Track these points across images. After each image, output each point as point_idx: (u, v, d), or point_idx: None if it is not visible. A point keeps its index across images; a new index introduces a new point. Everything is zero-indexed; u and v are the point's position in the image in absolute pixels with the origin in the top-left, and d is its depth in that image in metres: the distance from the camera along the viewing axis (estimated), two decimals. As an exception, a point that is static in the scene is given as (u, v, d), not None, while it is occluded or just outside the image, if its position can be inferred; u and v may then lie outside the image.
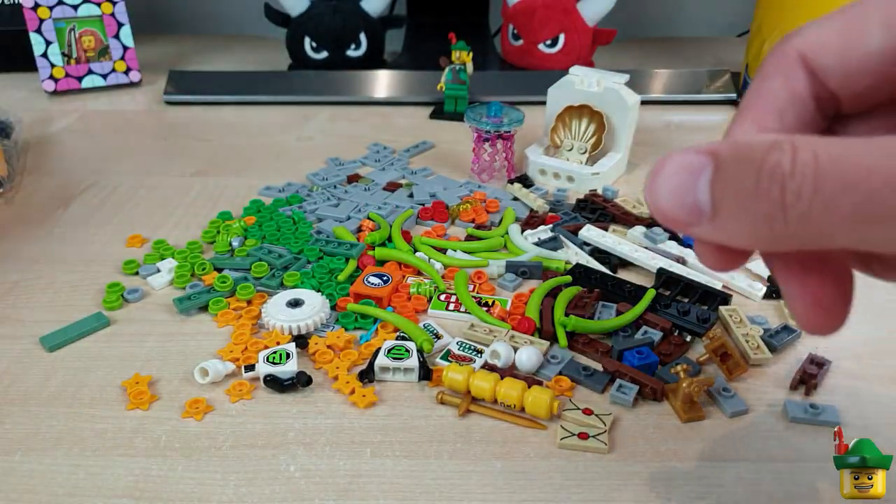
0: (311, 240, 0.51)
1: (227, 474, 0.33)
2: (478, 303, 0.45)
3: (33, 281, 0.48)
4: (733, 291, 0.47)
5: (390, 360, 0.39)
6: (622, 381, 0.38)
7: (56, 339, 0.42)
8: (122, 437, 0.36)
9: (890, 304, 0.45)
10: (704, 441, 0.35)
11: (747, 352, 0.41)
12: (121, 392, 0.38)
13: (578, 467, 0.34)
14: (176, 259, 0.50)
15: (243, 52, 0.98)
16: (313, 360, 0.41)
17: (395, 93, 0.81)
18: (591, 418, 0.36)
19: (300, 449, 0.35)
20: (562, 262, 0.48)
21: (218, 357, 0.40)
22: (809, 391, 0.38)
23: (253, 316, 0.44)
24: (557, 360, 0.40)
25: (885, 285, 0.20)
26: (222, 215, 0.55)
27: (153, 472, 0.34)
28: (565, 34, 0.82)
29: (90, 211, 0.58)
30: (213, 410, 0.37)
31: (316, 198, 0.58)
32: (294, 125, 0.75)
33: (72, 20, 0.81)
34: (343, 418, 0.37)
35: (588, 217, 0.55)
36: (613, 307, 0.44)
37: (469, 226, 0.54)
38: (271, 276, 0.47)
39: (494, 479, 0.33)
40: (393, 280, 0.46)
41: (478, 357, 0.40)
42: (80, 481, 0.33)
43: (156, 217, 0.57)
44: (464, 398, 0.37)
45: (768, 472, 0.34)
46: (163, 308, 0.45)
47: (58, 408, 0.37)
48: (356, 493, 0.33)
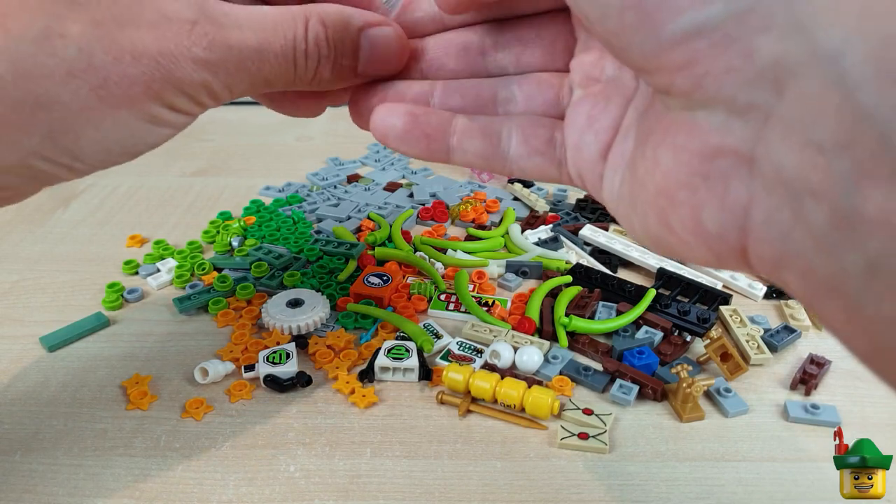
0: (311, 240, 0.51)
1: (226, 474, 0.33)
2: (478, 303, 0.45)
3: (33, 281, 0.48)
4: (733, 291, 0.47)
5: (390, 360, 0.39)
6: (622, 381, 0.38)
7: (56, 339, 0.42)
8: (122, 437, 0.36)
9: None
10: (704, 441, 0.35)
11: (747, 352, 0.40)
12: (121, 392, 0.38)
13: (578, 467, 0.34)
14: (176, 259, 0.50)
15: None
16: (313, 360, 0.40)
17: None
18: (591, 418, 0.36)
19: (300, 449, 0.35)
20: (562, 262, 0.48)
21: (218, 357, 0.40)
22: (809, 391, 0.38)
23: (253, 316, 0.44)
24: (557, 360, 0.40)
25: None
26: (222, 215, 0.55)
27: (153, 472, 0.34)
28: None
29: (90, 211, 0.58)
30: (212, 410, 0.37)
31: (316, 198, 0.58)
32: (294, 125, 0.75)
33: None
34: (343, 418, 0.37)
35: (588, 217, 0.55)
36: (614, 307, 0.44)
37: (469, 226, 0.54)
38: (271, 276, 0.47)
39: (494, 479, 0.33)
40: (393, 280, 0.46)
41: (478, 357, 0.40)
42: (80, 481, 0.33)
43: (156, 217, 0.57)
44: (464, 398, 0.37)
45: (768, 472, 0.34)
46: (163, 308, 0.45)
47: (58, 408, 0.37)
48: (356, 493, 0.33)
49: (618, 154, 0.23)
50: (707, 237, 0.18)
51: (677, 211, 0.19)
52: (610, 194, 0.23)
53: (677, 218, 0.19)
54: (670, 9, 0.16)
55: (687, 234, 0.19)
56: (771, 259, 0.17)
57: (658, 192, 0.20)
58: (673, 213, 0.19)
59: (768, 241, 0.17)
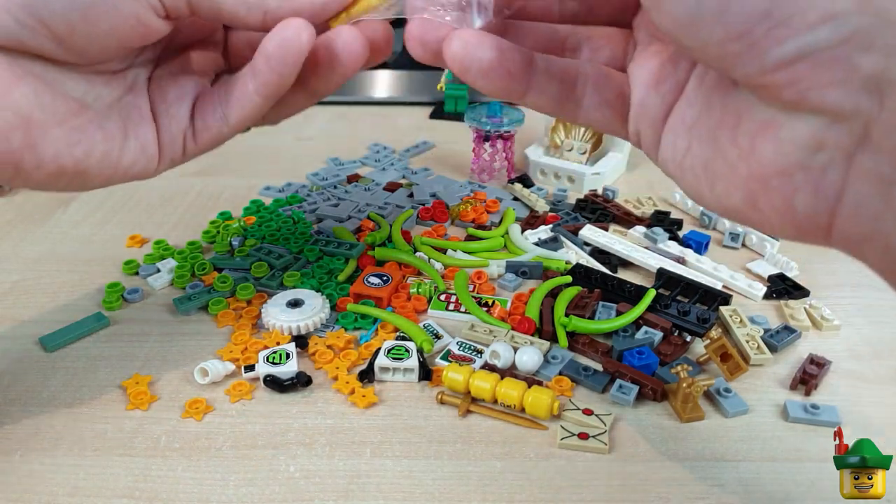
0: (311, 240, 0.51)
1: (226, 474, 0.33)
2: (478, 303, 0.45)
3: (33, 281, 0.48)
4: (733, 291, 0.47)
5: (390, 360, 0.39)
6: (622, 381, 0.38)
7: (56, 339, 0.42)
8: (122, 437, 0.36)
9: (890, 305, 0.45)
10: (704, 441, 0.35)
11: (747, 352, 0.40)
12: (121, 392, 0.38)
13: (578, 467, 0.34)
14: (176, 259, 0.50)
15: (243, 52, 0.98)
16: (313, 360, 0.40)
17: (395, 93, 0.81)
18: (591, 418, 0.36)
19: (300, 449, 0.35)
20: (562, 262, 0.48)
21: (218, 357, 0.40)
22: (809, 391, 0.38)
23: (253, 316, 0.44)
24: (557, 360, 0.40)
25: (884, 286, 0.21)
26: (222, 215, 0.55)
27: (153, 473, 0.34)
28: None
29: (90, 211, 0.58)
30: (212, 410, 0.37)
31: (316, 198, 0.58)
32: (294, 125, 0.75)
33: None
34: (343, 418, 0.37)
35: (588, 217, 0.55)
36: (613, 307, 0.44)
37: (469, 226, 0.54)
38: (271, 276, 0.47)
39: (494, 479, 0.33)
40: (393, 280, 0.46)
41: (478, 357, 0.40)
42: (80, 481, 0.33)
43: (156, 217, 0.57)
44: (464, 398, 0.37)
45: (768, 472, 0.34)
46: (163, 308, 0.45)
47: (58, 408, 0.37)
48: (356, 493, 0.33)
49: (678, 119, 0.24)
50: (795, 217, 0.20)
51: (769, 194, 0.21)
52: (671, 159, 0.24)
53: (768, 200, 0.21)
54: (776, 37, 0.18)
55: (774, 214, 0.21)
56: (857, 237, 0.19)
57: (751, 176, 0.21)
58: (764, 195, 0.21)
59: (857, 223, 0.19)
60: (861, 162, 0.18)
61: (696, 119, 0.23)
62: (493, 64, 0.24)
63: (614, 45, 0.27)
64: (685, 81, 0.24)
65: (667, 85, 0.24)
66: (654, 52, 0.25)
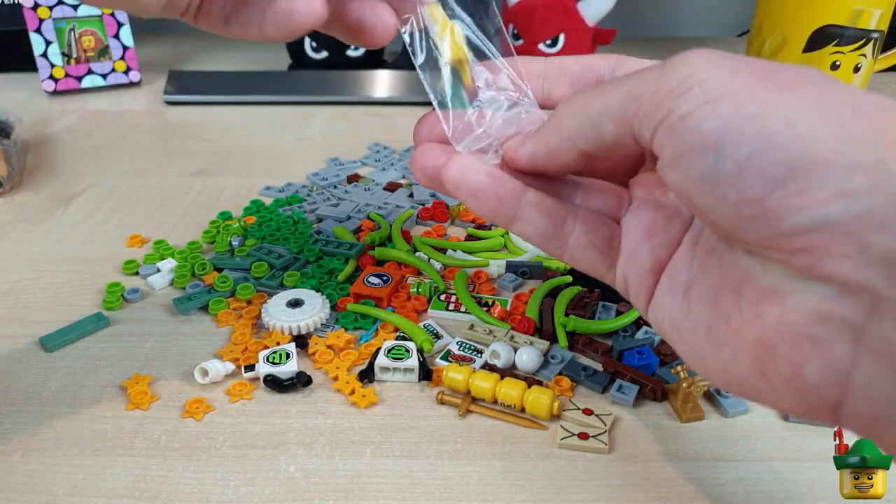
0: (311, 240, 0.51)
1: (227, 474, 0.33)
2: (478, 303, 0.45)
3: (33, 281, 0.48)
4: (733, 291, 0.47)
5: (390, 360, 0.39)
6: (622, 381, 0.38)
7: (56, 339, 0.42)
8: (122, 437, 0.36)
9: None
10: (704, 441, 0.35)
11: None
12: (121, 392, 0.38)
13: (578, 467, 0.34)
14: (176, 259, 0.50)
15: (243, 52, 0.98)
16: (313, 360, 0.40)
17: (395, 93, 0.81)
18: (591, 418, 0.36)
19: (300, 449, 0.35)
20: (562, 262, 0.48)
21: (218, 357, 0.40)
22: (809, 391, 0.38)
23: (253, 316, 0.44)
24: (557, 360, 0.40)
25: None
26: (222, 215, 0.55)
27: (153, 472, 0.34)
28: (565, 34, 0.82)
29: (90, 211, 0.58)
30: (212, 410, 0.37)
31: (316, 198, 0.58)
32: (294, 125, 0.75)
33: (72, 20, 0.81)
34: (343, 418, 0.37)
35: (588, 217, 0.55)
36: (613, 307, 0.44)
37: (469, 226, 0.54)
38: (271, 276, 0.47)
39: (494, 479, 0.33)
40: (393, 280, 0.46)
41: (478, 357, 0.40)
42: (80, 481, 0.33)
43: (156, 217, 0.57)
44: (464, 398, 0.37)
45: (768, 472, 0.34)
46: (163, 308, 0.45)
47: (58, 408, 0.37)
48: (356, 493, 0.33)
49: (674, 281, 0.24)
50: (804, 389, 0.20)
51: (777, 362, 0.20)
52: (667, 320, 0.24)
53: (775, 368, 0.20)
54: (790, 206, 0.18)
55: (782, 384, 0.20)
56: (868, 418, 0.19)
57: (758, 342, 0.20)
58: (772, 363, 0.20)
59: (869, 403, 0.18)
60: (871, 339, 0.18)
61: (692, 281, 0.23)
62: (484, 185, 0.25)
63: (608, 197, 0.27)
64: (678, 242, 0.24)
65: (658, 238, 0.25)
66: (650, 208, 0.25)
